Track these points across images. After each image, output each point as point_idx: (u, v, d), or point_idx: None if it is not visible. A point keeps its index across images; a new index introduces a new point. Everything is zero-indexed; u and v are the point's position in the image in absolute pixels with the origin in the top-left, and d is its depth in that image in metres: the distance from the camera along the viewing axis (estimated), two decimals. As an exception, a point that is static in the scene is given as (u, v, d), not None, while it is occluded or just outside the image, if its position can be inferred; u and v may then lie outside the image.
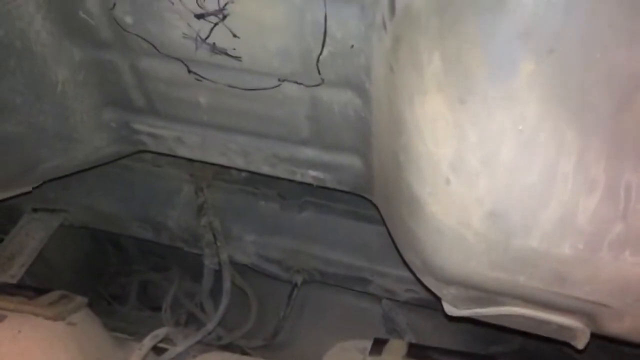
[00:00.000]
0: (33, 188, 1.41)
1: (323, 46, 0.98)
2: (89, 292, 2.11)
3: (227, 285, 1.71)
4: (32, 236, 1.84)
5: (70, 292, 1.68)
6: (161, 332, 1.62)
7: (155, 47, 1.08)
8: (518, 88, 0.72)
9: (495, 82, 0.73)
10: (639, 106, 0.69)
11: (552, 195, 0.75)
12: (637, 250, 0.76)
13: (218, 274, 1.82)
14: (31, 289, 1.58)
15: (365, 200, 1.34)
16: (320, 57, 1.00)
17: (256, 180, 1.67)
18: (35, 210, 1.85)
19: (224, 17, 0.99)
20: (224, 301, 1.71)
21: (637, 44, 0.67)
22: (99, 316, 1.72)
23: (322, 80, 1.04)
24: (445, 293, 1.04)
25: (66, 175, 1.47)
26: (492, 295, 0.97)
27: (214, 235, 1.72)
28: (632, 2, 0.66)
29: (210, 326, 1.73)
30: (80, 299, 1.51)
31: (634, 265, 0.77)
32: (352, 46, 0.96)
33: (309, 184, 1.33)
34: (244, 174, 1.68)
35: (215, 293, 1.86)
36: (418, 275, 1.08)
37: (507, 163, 0.76)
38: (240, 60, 1.05)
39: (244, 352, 1.85)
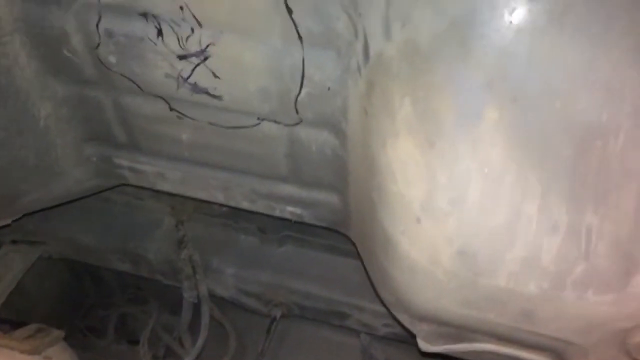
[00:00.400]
0: (12, 221, 1.41)
1: (301, 87, 1.01)
2: (66, 324, 2.10)
3: (205, 319, 1.71)
4: (10, 268, 1.83)
5: (47, 324, 1.66)
6: (138, 366, 1.62)
7: (138, 86, 1.11)
8: (484, 133, 0.75)
9: (462, 127, 0.76)
10: (598, 152, 0.72)
11: (517, 235, 0.78)
12: (599, 289, 0.79)
13: (197, 308, 1.82)
14: (7, 322, 1.57)
15: (344, 235, 1.36)
16: (299, 98, 1.03)
17: (236, 214, 1.68)
18: (14, 241, 1.85)
19: (206, 58, 1.02)
20: (202, 335, 1.71)
21: (595, 94, 0.71)
22: (76, 349, 1.70)
23: (300, 119, 1.07)
24: (419, 329, 1.05)
25: (46, 208, 1.47)
26: (464, 331, 0.99)
27: (194, 269, 1.73)
28: (591, 54, 0.70)
29: (188, 360, 1.72)
30: (57, 333, 1.51)
31: (597, 304, 0.79)
32: (329, 88, 0.99)
33: (288, 219, 1.35)
34: (224, 208, 1.70)
35: (194, 327, 1.86)
36: (392, 311, 1.10)
37: (475, 204, 0.79)
38: (221, 99, 1.08)
39: (221, 387, 1.84)
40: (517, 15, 0.71)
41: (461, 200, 0.79)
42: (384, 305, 1.16)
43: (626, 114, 0.70)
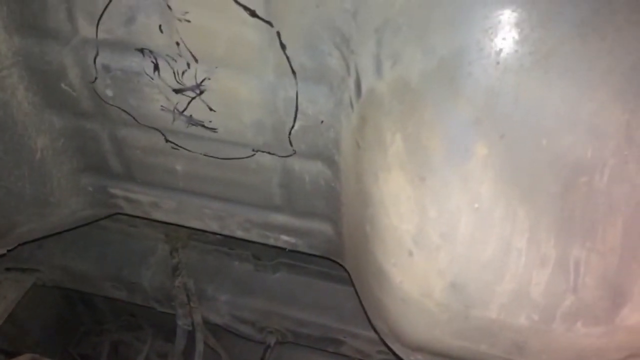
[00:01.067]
0: (7, 251, 1.42)
1: (295, 120, 1.03)
2: (60, 352, 2.09)
3: (199, 347, 1.71)
4: (3, 296, 1.83)
5: (40, 352, 1.66)
6: (132, 395, 1.61)
7: (134, 118, 1.13)
8: (473, 169, 0.77)
9: (452, 163, 0.78)
10: (584, 188, 0.74)
11: (507, 269, 0.80)
12: (588, 322, 0.80)
13: (191, 334, 1.81)
14: (1, 351, 1.57)
15: (338, 263, 1.37)
16: (292, 130, 1.05)
17: (230, 241, 1.69)
18: (8, 269, 1.84)
19: (201, 92, 1.04)
20: (196, 364, 1.71)
21: (580, 132, 0.73)
22: (69, 378, 1.70)
23: (294, 151, 1.09)
24: (412, 359, 1.06)
25: (41, 237, 1.48)
26: (457, 362, 1.00)
27: (188, 296, 1.73)
28: (575, 94, 0.72)
29: (181, 389, 1.72)
30: (50, 362, 1.50)
31: (586, 336, 0.81)
32: (322, 122, 1.01)
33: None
34: (218, 235, 1.70)
35: (188, 354, 1.85)
36: (386, 341, 1.11)
37: (465, 238, 0.80)
38: (216, 132, 1.10)
39: (215, 415, 1.83)
40: (504, 56, 0.73)
41: (452, 234, 0.81)
42: (378, 335, 1.17)
43: (610, 151, 0.72)
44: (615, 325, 0.79)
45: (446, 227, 0.81)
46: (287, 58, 0.96)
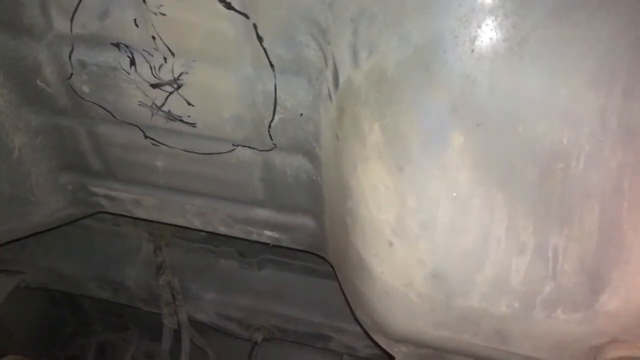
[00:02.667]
0: (-13, 251, 1.40)
1: (274, 114, 1.02)
2: (45, 353, 2.07)
3: (186, 345, 1.70)
4: (-14, 298, 1.81)
5: (25, 354, 1.64)
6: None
7: (112, 114, 1.12)
8: (450, 158, 0.77)
9: (430, 152, 0.78)
10: (559, 174, 0.74)
11: (487, 257, 0.80)
12: (568, 308, 0.80)
13: (178, 333, 1.80)
14: (-17, 354, 1.55)
15: (322, 257, 1.37)
16: (272, 124, 1.04)
17: (215, 239, 1.68)
18: (-10, 271, 1.83)
19: (179, 86, 1.03)
20: (182, 362, 1.70)
21: (555, 119, 0.73)
22: (54, 380, 1.68)
23: (274, 145, 1.08)
24: (396, 351, 1.06)
25: (22, 237, 1.46)
26: (441, 352, 1.00)
27: (173, 295, 1.72)
28: (550, 81, 0.72)
29: (168, 388, 1.71)
30: (35, 364, 1.49)
31: (567, 323, 0.81)
32: (302, 114, 1.01)
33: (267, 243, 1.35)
34: (203, 233, 1.69)
35: (175, 353, 1.84)
36: (370, 333, 1.10)
37: (445, 227, 0.80)
38: (195, 127, 1.09)
39: (203, 414, 1.82)
40: (478, 44, 0.73)
41: (431, 224, 0.81)
42: (361, 327, 1.16)
43: (586, 138, 0.72)
44: (595, 311, 0.79)
45: (425, 216, 0.81)
46: (265, 50, 0.95)
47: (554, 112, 0.72)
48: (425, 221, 0.81)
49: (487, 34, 0.72)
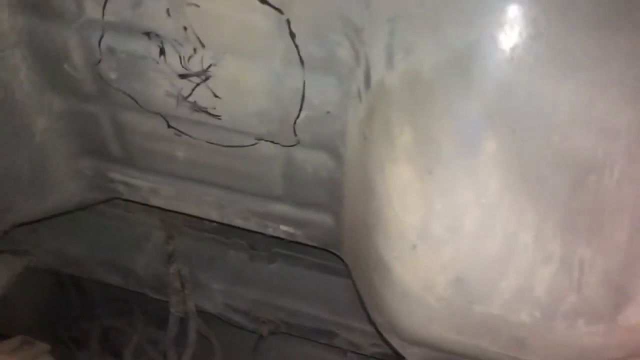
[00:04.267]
0: (3, 232, 1.40)
1: (300, 110, 1.02)
2: (50, 336, 2.07)
3: (192, 336, 1.71)
4: (-5, 278, 1.81)
5: (30, 335, 1.65)
6: (123, 381, 1.60)
7: (137, 102, 1.12)
8: (482, 164, 0.77)
9: (461, 157, 0.78)
10: (592, 187, 0.74)
11: (512, 265, 0.80)
12: (590, 320, 0.80)
13: (183, 322, 1.81)
14: (-8, 334, 1.55)
15: (335, 254, 1.37)
16: (297, 120, 1.04)
17: (227, 230, 1.68)
18: (0, 251, 1.83)
19: (207, 78, 1.03)
20: (188, 352, 1.70)
21: (592, 131, 0.73)
22: (58, 361, 1.68)
23: (298, 141, 1.08)
24: (409, 352, 1.06)
25: (37, 220, 1.46)
26: (455, 357, 1.00)
27: (182, 284, 1.72)
28: (589, 92, 0.72)
29: (173, 376, 1.71)
30: (43, 346, 1.50)
31: (587, 335, 0.81)
32: (328, 112, 1.01)
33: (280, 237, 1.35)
34: (215, 223, 1.69)
35: (180, 341, 1.85)
36: (383, 334, 1.11)
37: (471, 233, 0.80)
38: (220, 119, 1.09)
39: (206, 403, 1.83)
40: (519, 51, 0.73)
41: (457, 229, 0.81)
42: (374, 327, 1.16)
43: (621, 151, 0.72)
44: (617, 325, 0.79)
45: (452, 221, 0.81)
46: (296, 47, 0.95)
47: (590, 124, 0.72)
48: (452, 226, 0.81)
49: (528, 42, 0.72)
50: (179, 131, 1.15)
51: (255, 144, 1.12)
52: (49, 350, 1.55)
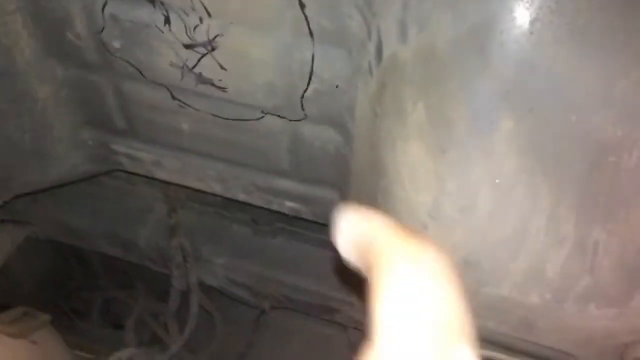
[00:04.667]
0: (3, 202, 1.39)
1: (308, 84, 1.00)
2: (51, 306, 2.08)
3: (194, 309, 1.70)
4: (-4, 247, 1.80)
5: (31, 305, 1.64)
6: (124, 354, 1.60)
7: (141, 73, 1.09)
8: (497, 143, 0.74)
9: (476, 136, 0.75)
10: (609, 168, 0.72)
11: (524, 247, 0.78)
12: (601, 303, 0.79)
13: (185, 295, 1.80)
14: (-7, 304, 1.55)
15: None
16: (305, 94, 1.02)
17: (230, 204, 1.67)
18: (1, 221, 1.81)
19: (213, 49, 1.00)
20: (190, 325, 1.70)
21: (611, 111, 0.70)
22: (60, 332, 1.69)
23: (305, 115, 1.06)
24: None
25: (38, 190, 1.45)
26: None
27: (184, 257, 1.72)
28: (610, 71, 0.70)
29: (174, 348, 1.72)
30: (43, 317, 1.49)
31: (598, 318, 0.80)
32: (337, 86, 0.98)
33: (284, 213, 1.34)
34: (218, 197, 1.68)
35: (181, 314, 1.85)
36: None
37: (484, 214, 0.78)
38: (226, 91, 1.07)
39: (207, 376, 1.84)
40: (538, 26, 0.70)
41: (470, 209, 0.79)
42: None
43: (641, 132, 0.70)
44: (629, 309, 0.78)
45: (465, 201, 0.79)
46: (306, 18, 0.92)
47: (611, 103, 0.70)
48: (464, 206, 0.79)
49: (549, 16, 0.69)
50: (184, 103, 1.13)
51: (261, 117, 1.10)
52: (50, 321, 1.55)
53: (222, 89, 1.06)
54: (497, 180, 0.76)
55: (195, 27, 0.99)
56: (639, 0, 0.68)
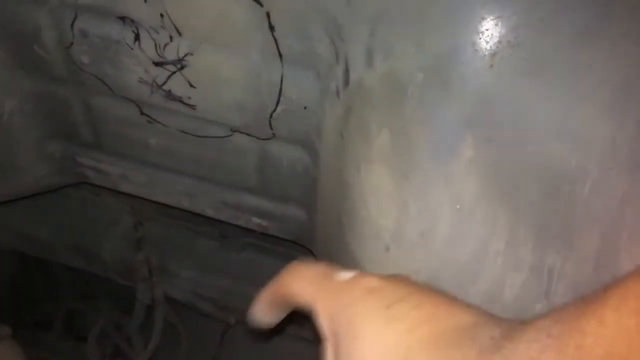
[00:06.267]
0: (-35, 214, 1.36)
1: (277, 104, 1.01)
2: (12, 317, 2.03)
3: (158, 324, 1.69)
4: (-45, 258, 1.77)
5: (-9, 316, 1.61)
6: (87, 367, 1.58)
7: (109, 88, 1.09)
8: (458, 170, 0.77)
9: (437, 162, 0.77)
10: (565, 197, 0.75)
11: (483, 270, 0.80)
12: (556, 326, 0.81)
13: (149, 308, 1.79)
14: (-48, 316, 1.51)
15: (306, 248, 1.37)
16: (274, 114, 1.03)
17: (197, 218, 1.66)
18: (-39, 231, 1.78)
19: (182, 67, 1.01)
20: (155, 339, 1.69)
21: (566, 141, 0.73)
22: (22, 345, 1.65)
23: (274, 135, 1.07)
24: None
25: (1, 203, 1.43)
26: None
27: (150, 271, 1.70)
28: (565, 104, 0.73)
29: (138, 363, 1.70)
30: (5, 330, 1.47)
31: (553, 341, 0.82)
32: (306, 107, 0.99)
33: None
34: (186, 211, 1.67)
35: (145, 327, 1.83)
36: (352, 330, 1.10)
37: (444, 238, 0.80)
38: (195, 109, 1.07)
39: (171, 391, 1.82)
40: (498, 59, 0.72)
41: (431, 233, 0.81)
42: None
43: (595, 164, 0.73)
44: (582, 332, 0.80)
45: (426, 225, 0.81)
46: (275, 40, 0.93)
47: (566, 135, 0.72)
48: (425, 230, 0.81)
49: (508, 50, 0.72)
50: (152, 119, 1.13)
51: (230, 135, 1.10)
52: (11, 335, 1.52)
53: (191, 106, 1.07)
54: (457, 205, 0.78)
55: (165, 45, 0.99)
56: (593, 36, 0.71)
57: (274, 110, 1.02)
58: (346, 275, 0.61)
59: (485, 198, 0.77)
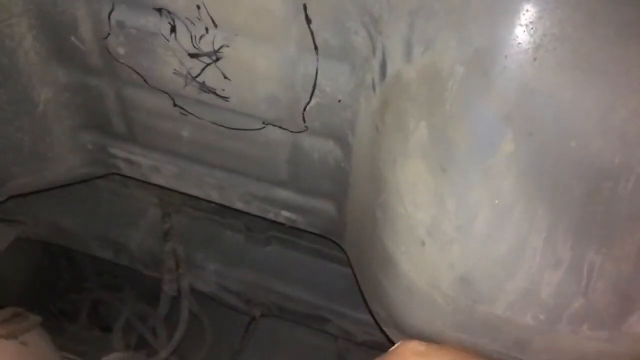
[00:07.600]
0: (-1, 202, 1.38)
1: (311, 97, 1.01)
2: (38, 306, 2.06)
3: (184, 314, 1.70)
4: (-14, 247, 1.79)
5: (19, 305, 1.63)
6: (111, 357, 1.60)
7: (144, 79, 1.09)
8: (497, 165, 0.76)
9: (477, 157, 0.77)
10: (606, 194, 0.74)
11: (520, 267, 0.79)
12: (594, 325, 0.80)
13: (174, 300, 1.80)
14: (-18, 304, 1.54)
15: (333, 241, 1.37)
16: (307, 107, 1.03)
17: (224, 211, 1.67)
18: (-9, 220, 1.81)
19: (217, 59, 1.01)
20: (180, 331, 1.70)
21: (610, 138, 0.72)
22: (48, 333, 1.68)
23: (306, 127, 1.07)
24: (406, 345, 1.06)
25: (34, 192, 1.44)
26: (452, 352, 1.00)
27: (177, 262, 1.71)
28: (610, 99, 0.71)
29: (163, 354, 1.71)
30: (34, 318, 1.49)
31: (591, 339, 0.81)
32: (340, 101, 0.99)
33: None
34: (213, 203, 1.68)
35: (170, 319, 1.85)
36: (382, 325, 1.10)
37: (481, 233, 0.80)
38: (228, 101, 1.07)
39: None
40: (542, 53, 0.71)
41: (468, 228, 0.80)
42: (372, 317, 1.16)
43: (638, 160, 0.72)
44: (621, 332, 0.80)
45: (463, 220, 0.80)
46: (311, 32, 0.93)
47: (610, 131, 0.71)
48: (462, 225, 0.81)
49: (553, 44, 0.71)
50: (185, 110, 1.13)
51: (262, 128, 1.11)
52: (41, 323, 1.54)
53: (225, 98, 1.07)
54: (496, 201, 0.78)
55: (201, 37, 0.99)
56: (638, 32, 0.70)
57: (308, 103, 1.02)
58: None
59: (525, 194, 0.77)
